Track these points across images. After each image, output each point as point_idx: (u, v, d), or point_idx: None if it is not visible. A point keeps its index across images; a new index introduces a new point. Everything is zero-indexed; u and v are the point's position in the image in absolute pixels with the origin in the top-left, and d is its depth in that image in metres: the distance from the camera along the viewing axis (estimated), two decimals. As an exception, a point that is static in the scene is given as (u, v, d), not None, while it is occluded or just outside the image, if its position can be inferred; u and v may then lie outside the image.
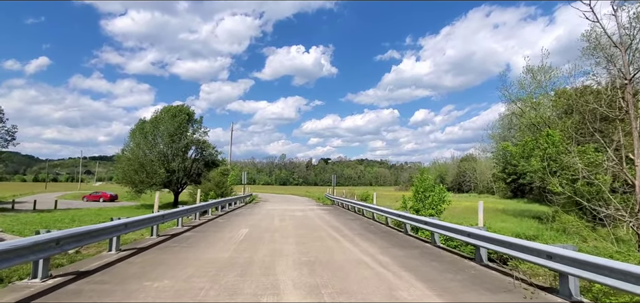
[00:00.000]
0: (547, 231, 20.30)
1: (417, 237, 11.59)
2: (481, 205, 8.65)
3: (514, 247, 6.46)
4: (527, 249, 6.14)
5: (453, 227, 8.50)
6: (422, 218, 10.50)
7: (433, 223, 9.58)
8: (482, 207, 8.58)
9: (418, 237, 11.41)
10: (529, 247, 6.09)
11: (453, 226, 8.53)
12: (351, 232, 12.13)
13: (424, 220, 10.28)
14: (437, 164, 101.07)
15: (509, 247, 6.60)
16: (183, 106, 39.59)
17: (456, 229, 8.35)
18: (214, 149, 42.85)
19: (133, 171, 35.88)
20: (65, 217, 22.63)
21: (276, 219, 16.22)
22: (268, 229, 12.45)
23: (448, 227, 8.73)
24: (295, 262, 7.32)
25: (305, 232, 11.89)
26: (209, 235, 10.94)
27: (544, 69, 31.10)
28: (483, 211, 9.46)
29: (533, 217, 27.47)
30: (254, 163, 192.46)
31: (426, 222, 10.09)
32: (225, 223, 14.27)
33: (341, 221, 15.97)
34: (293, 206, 26.45)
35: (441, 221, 9.37)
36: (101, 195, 48.52)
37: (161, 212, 10.70)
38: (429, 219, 10.00)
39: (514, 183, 55.83)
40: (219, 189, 28.48)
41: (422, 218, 10.50)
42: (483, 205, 31.18)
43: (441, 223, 9.25)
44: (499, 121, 53.43)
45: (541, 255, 5.82)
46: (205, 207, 16.11)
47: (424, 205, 20.27)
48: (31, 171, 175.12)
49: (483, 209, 8.57)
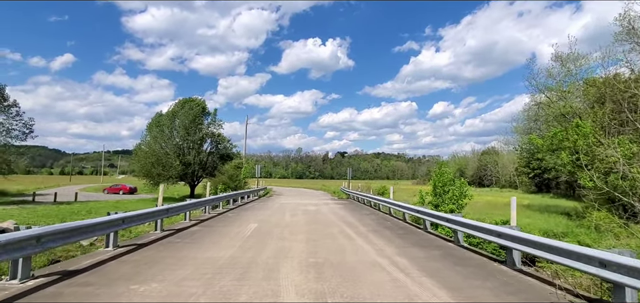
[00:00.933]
0: (576, 228, 18.97)
1: (438, 235, 10.68)
2: (514, 201, 7.65)
3: (556, 252, 5.50)
4: (573, 254, 5.18)
5: (480, 226, 7.56)
6: (444, 215, 9.58)
7: (457, 220, 8.64)
8: (515, 204, 7.58)
9: (439, 235, 10.50)
10: (576, 252, 5.12)
11: (480, 224, 7.59)
12: (365, 229, 11.33)
13: (446, 217, 9.35)
14: (456, 157, 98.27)
15: (550, 251, 5.65)
16: (197, 99, 39.56)
17: (484, 229, 7.41)
18: (229, 142, 42.77)
19: (149, 164, 36.19)
20: (82, 209, 22.79)
21: (287, 214, 15.58)
22: (277, 225, 11.80)
23: (475, 225, 7.79)
24: (301, 264, 6.60)
25: (316, 228, 11.17)
26: (215, 231, 10.38)
27: (573, 57, 29.15)
28: (507, 206, 8.47)
29: (561, 213, 25.85)
30: (270, 156, 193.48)
31: (449, 220, 9.16)
32: (234, 218, 13.74)
33: (356, 216, 15.17)
34: (306, 200, 25.81)
35: (466, 219, 8.43)
36: (120, 188, 49.45)
37: (165, 206, 10.20)
38: (452, 216, 9.06)
39: (538, 177, 53.39)
40: (233, 182, 28.19)
41: (444, 215, 9.58)
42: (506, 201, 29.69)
43: (466, 221, 8.31)
44: (524, 113, 50.98)
45: (591, 262, 4.86)
46: (215, 200, 15.64)
47: (443, 200, 19.20)
48: (58, 164, 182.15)
49: (515, 205, 7.57)
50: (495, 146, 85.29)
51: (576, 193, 42.27)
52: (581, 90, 28.54)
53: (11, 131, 31.79)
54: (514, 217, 7.46)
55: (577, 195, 40.43)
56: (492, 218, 20.90)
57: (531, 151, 54.91)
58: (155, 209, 9.61)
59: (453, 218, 8.91)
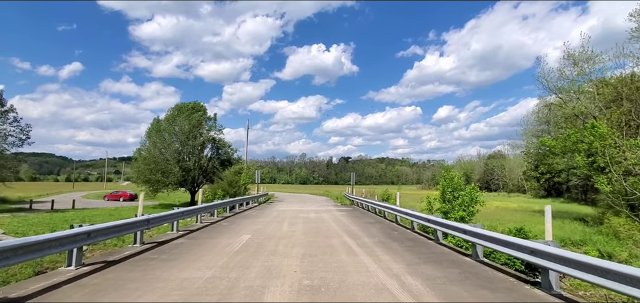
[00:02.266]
0: (595, 236, 17.67)
1: (451, 246, 9.47)
2: (549, 211, 6.42)
3: (612, 276, 4.32)
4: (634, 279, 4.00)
5: (507, 241, 6.35)
6: (461, 226, 8.37)
7: (477, 232, 7.44)
8: (550, 214, 6.36)
9: (452, 247, 9.30)
10: None
11: (507, 239, 6.38)
12: (370, 240, 10.15)
13: (464, 228, 8.15)
14: (461, 162, 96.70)
15: (602, 274, 4.46)
16: (197, 103, 38.67)
17: (513, 244, 6.21)
18: (230, 147, 41.82)
19: (148, 170, 35.31)
20: (76, 217, 21.87)
21: (286, 223, 14.43)
22: (272, 236, 10.65)
23: (500, 239, 6.59)
24: (292, 288, 5.45)
25: (315, 241, 10.01)
26: (201, 244, 9.27)
27: (586, 56, 27.87)
28: (517, 211, 7.31)
29: (575, 219, 24.44)
30: (274, 162, 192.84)
31: (467, 231, 7.96)
32: (227, 228, 12.61)
33: (360, 225, 13.99)
34: (307, 207, 24.63)
35: (488, 231, 7.22)
36: (121, 195, 48.66)
37: (145, 217, 9.11)
38: (471, 227, 7.86)
39: (547, 181, 51.79)
40: (232, 188, 27.11)
41: (461, 226, 8.37)
42: (516, 206, 28.01)
43: (488, 234, 7.11)
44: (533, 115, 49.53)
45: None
46: (208, 209, 14.54)
47: (453, 207, 17.95)
48: (65, 171, 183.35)
49: (550, 216, 6.36)
50: (501, 150, 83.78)
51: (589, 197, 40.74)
52: (595, 90, 27.25)
53: (7, 137, 31.05)
54: (549, 231, 6.24)
55: (590, 199, 38.91)
56: (504, 225, 19.61)
57: (540, 155, 53.36)
58: (132, 220, 8.53)
59: (472, 229, 7.71)
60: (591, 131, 21.85)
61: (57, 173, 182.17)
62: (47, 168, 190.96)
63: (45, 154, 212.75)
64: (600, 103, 26.73)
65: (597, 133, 21.52)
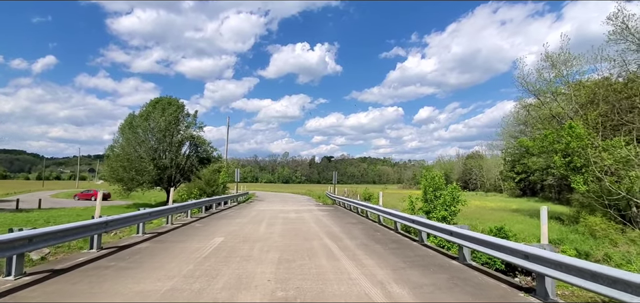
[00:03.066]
0: (571, 234, 17.81)
1: (436, 248, 9.03)
2: (545, 212, 6.00)
3: (622, 286, 3.87)
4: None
5: (497, 244, 5.90)
6: (448, 227, 7.91)
7: (465, 234, 6.97)
8: (546, 214, 5.94)
9: (437, 249, 8.84)
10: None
11: (497, 241, 5.93)
12: (352, 242, 9.58)
13: (450, 229, 7.68)
14: (441, 162, 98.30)
15: (612, 283, 4.02)
16: (173, 99, 37.14)
17: (504, 247, 5.75)
18: (209, 145, 40.50)
19: (121, 168, 33.65)
20: (40, 218, 20.36)
21: (264, 223, 13.68)
22: (248, 239, 9.91)
23: (489, 242, 6.13)
24: (264, 300, 4.78)
25: (293, 243, 9.34)
26: (167, 248, 8.43)
27: (564, 58, 28.39)
28: (495, 210, 6.97)
29: (551, 218, 24.82)
30: (257, 161, 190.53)
31: (453, 233, 7.50)
32: (199, 229, 11.76)
33: (341, 225, 13.42)
34: (288, 206, 23.90)
35: (476, 233, 6.76)
36: (92, 194, 46.39)
37: (103, 218, 8.19)
38: (458, 229, 7.39)
39: (523, 181, 53.08)
40: (210, 187, 26.02)
41: (448, 227, 7.91)
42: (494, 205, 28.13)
43: (476, 236, 6.65)
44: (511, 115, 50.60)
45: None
46: (180, 209, 13.60)
47: (435, 206, 17.70)
48: (36, 169, 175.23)
49: (546, 218, 5.94)
50: (479, 150, 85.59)
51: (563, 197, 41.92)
52: (572, 91, 27.81)
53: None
54: (545, 233, 5.81)
55: (565, 199, 40.02)
56: (485, 224, 19.56)
57: (516, 155, 54.66)
58: (87, 222, 7.60)
59: (459, 231, 7.25)
60: (569, 131, 22.13)
61: (28, 171, 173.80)
62: (18, 166, 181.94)
63: (16, 151, 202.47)
64: (576, 104, 27.30)
65: (574, 134, 21.81)
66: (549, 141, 24.33)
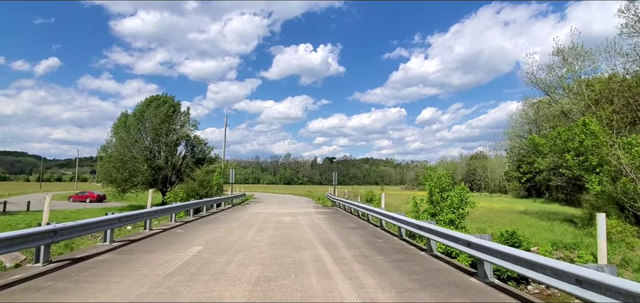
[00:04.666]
0: (585, 238, 16.46)
1: (449, 261, 7.65)
2: (603, 222, 4.63)
3: None
4: None
5: (535, 262, 4.51)
6: (465, 237, 6.50)
7: (489, 247, 5.58)
8: (604, 224, 4.57)
9: (450, 262, 7.48)
10: None
11: (535, 259, 4.55)
12: (350, 253, 8.22)
13: (468, 240, 6.29)
14: (444, 162, 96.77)
15: None
16: (166, 96, 35.91)
17: (545, 267, 4.38)
18: (205, 145, 39.25)
19: (114, 169, 32.49)
20: (22, 221, 19.17)
21: (253, 229, 12.32)
22: (229, 248, 8.55)
23: (523, 259, 4.75)
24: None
25: (281, 254, 7.99)
26: (129, 261, 7.10)
27: (575, 52, 26.95)
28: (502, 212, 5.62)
29: (562, 220, 23.42)
30: (258, 162, 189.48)
31: (471, 244, 6.11)
32: (178, 236, 10.43)
33: (339, 231, 12.05)
34: (284, 209, 22.54)
35: (508, 249, 5.34)
36: (87, 196, 45.27)
37: (50, 226, 6.86)
38: (478, 239, 6.00)
39: (529, 182, 51.49)
40: (203, 188, 24.74)
41: (465, 237, 6.50)
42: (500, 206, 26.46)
43: (504, 250, 5.26)
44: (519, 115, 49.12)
45: None
46: (161, 212, 12.26)
47: (441, 209, 16.34)
48: (37, 171, 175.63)
49: (604, 232, 4.56)
50: (482, 151, 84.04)
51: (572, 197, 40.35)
52: (584, 87, 26.42)
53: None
54: (604, 251, 4.41)
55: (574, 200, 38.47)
56: (494, 228, 18.20)
57: (522, 155, 53.10)
58: (28, 231, 6.28)
59: (479, 242, 5.86)
60: (582, 128, 20.71)
61: (29, 172, 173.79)
62: (19, 167, 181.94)
63: (17, 153, 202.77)
64: (589, 101, 25.86)
65: (588, 131, 20.39)
66: (561, 139, 22.94)
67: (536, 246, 15.71)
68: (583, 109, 25.68)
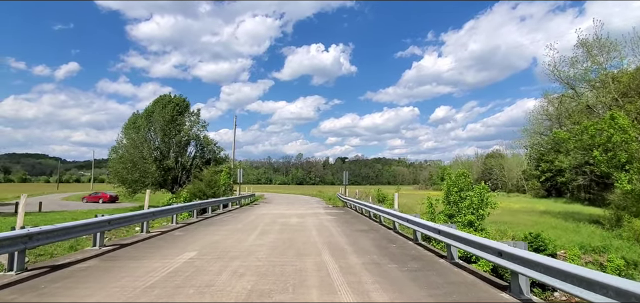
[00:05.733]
0: (614, 240, 15.17)
1: (474, 270, 6.67)
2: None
3: None
4: None
5: (600, 282, 3.52)
6: (495, 246, 5.46)
7: (528, 259, 4.59)
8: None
9: (475, 272, 6.49)
10: None
11: (600, 279, 3.55)
12: (359, 260, 7.31)
13: (499, 249, 5.29)
14: (459, 161, 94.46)
15: None
16: (177, 96, 35.63)
17: (615, 289, 3.40)
18: (215, 145, 38.84)
19: (124, 170, 32.41)
20: (30, 223, 18.95)
21: (256, 231, 11.52)
22: (225, 254, 7.74)
23: (582, 277, 3.75)
24: None
25: (281, 262, 7.14)
26: (114, 269, 6.37)
27: (600, 43, 25.31)
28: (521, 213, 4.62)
29: (588, 221, 21.95)
30: (270, 162, 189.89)
31: (503, 253, 5.12)
32: (176, 239, 9.70)
33: (349, 234, 11.14)
34: (293, 210, 21.73)
35: (552, 261, 4.33)
36: (100, 196, 45.60)
37: (24, 230, 6.19)
38: (513, 249, 5.00)
39: (549, 181, 49.26)
40: (210, 189, 24.17)
41: (495, 246, 5.46)
42: (519, 207, 25.03)
43: (554, 265, 4.26)
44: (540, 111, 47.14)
45: None
46: (159, 214, 11.56)
47: (459, 209, 15.24)
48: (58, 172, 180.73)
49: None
50: (499, 149, 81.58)
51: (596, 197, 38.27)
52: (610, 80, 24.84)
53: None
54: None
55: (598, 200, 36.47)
56: (515, 229, 17.03)
57: (541, 153, 50.91)
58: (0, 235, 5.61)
59: (514, 252, 4.86)
60: (610, 122, 19.36)
61: (49, 174, 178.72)
62: (40, 169, 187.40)
63: (38, 155, 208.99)
64: (616, 94, 24.27)
65: (616, 126, 19.03)
66: (588, 134, 21.59)
67: (562, 250, 14.56)
68: (610, 102, 24.10)
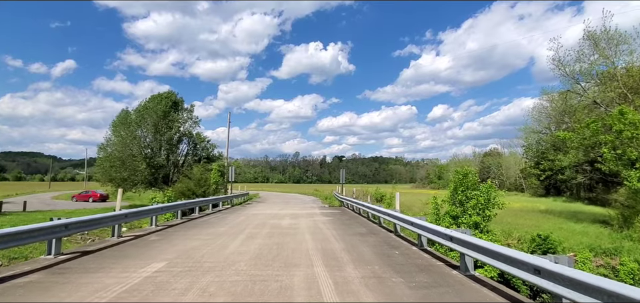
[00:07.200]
0: (625, 242, 14.24)
1: (494, 286, 5.54)
2: None
3: None
4: None
5: None
6: (532, 261, 4.30)
7: (571, 278, 3.47)
8: None
9: (500, 290, 5.36)
10: None
11: None
12: (358, 272, 6.15)
13: (535, 264, 4.14)
14: (456, 160, 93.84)
15: None
16: (170, 92, 34.35)
17: None
18: (208, 142, 37.58)
19: (113, 168, 31.11)
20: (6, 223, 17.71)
21: (242, 235, 10.32)
22: (197, 267, 6.54)
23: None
24: None
25: (263, 275, 5.97)
26: (56, 288, 5.17)
27: (608, 35, 24.28)
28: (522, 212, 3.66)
29: (592, 221, 20.97)
30: (268, 161, 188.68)
31: (544, 272, 3.99)
32: (146, 247, 8.49)
33: (346, 239, 9.97)
34: (286, 210, 20.53)
35: (616, 285, 3.22)
36: (90, 195, 44.25)
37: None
38: (550, 264, 3.86)
39: (548, 179, 48.46)
40: (200, 188, 22.92)
41: (532, 261, 4.30)
42: (519, 206, 23.72)
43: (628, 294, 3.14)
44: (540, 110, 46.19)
45: None
46: (131, 215, 10.32)
47: (465, 210, 14.16)
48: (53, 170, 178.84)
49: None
50: (496, 148, 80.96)
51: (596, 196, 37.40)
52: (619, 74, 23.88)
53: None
54: None
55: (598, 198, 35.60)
56: (520, 231, 16.05)
57: (541, 151, 50.07)
58: None
59: (552, 269, 3.72)
60: (619, 118, 18.43)
61: (45, 172, 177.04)
62: (35, 167, 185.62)
63: (34, 153, 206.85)
64: (625, 89, 23.33)
65: (626, 121, 18.10)
66: (591, 131, 20.69)
67: (571, 252, 13.58)
68: (618, 98, 23.14)
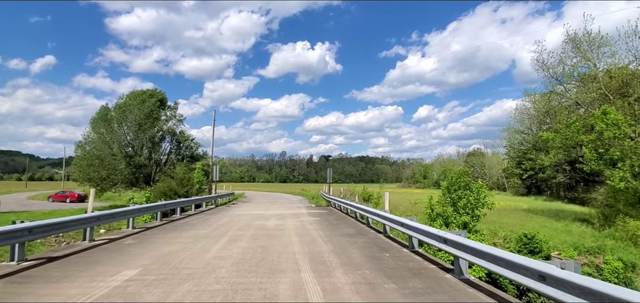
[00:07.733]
0: (607, 240, 14.49)
1: (494, 293, 5.25)
2: None
3: None
4: None
5: None
6: (542, 269, 4.01)
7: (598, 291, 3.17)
8: None
9: (497, 296, 5.08)
10: None
11: None
12: (348, 278, 5.75)
13: (545, 273, 3.84)
14: (441, 160, 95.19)
15: None
16: (155, 90, 33.25)
17: None
18: (192, 140, 36.60)
19: (90, 167, 29.83)
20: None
21: (224, 239, 9.77)
22: (174, 275, 6.00)
23: None
24: None
25: (247, 283, 5.50)
26: (14, 298, 4.61)
27: (590, 38, 24.71)
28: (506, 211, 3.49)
29: (573, 219, 21.41)
30: (254, 160, 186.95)
31: (552, 280, 3.69)
32: (119, 251, 7.89)
33: (334, 240, 9.58)
34: (273, 210, 20.00)
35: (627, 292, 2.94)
36: (67, 195, 42.37)
37: None
38: (564, 274, 3.58)
39: (530, 179, 49.51)
40: (183, 187, 22.15)
41: (542, 269, 4.01)
42: (503, 205, 23.82)
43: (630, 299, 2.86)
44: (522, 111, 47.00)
45: None
46: (104, 218, 9.62)
47: (456, 209, 14.05)
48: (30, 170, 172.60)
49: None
50: (480, 148, 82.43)
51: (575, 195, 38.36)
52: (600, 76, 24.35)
53: None
54: None
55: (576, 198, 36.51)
56: (506, 230, 16.12)
57: (522, 151, 51.13)
58: None
59: (572, 279, 3.43)
60: (602, 118, 18.74)
61: (22, 171, 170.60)
62: (12, 166, 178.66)
63: (11, 152, 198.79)
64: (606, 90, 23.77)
65: (608, 121, 18.42)
66: (573, 131, 21.07)
67: (556, 251, 13.63)
68: (599, 99, 23.59)
